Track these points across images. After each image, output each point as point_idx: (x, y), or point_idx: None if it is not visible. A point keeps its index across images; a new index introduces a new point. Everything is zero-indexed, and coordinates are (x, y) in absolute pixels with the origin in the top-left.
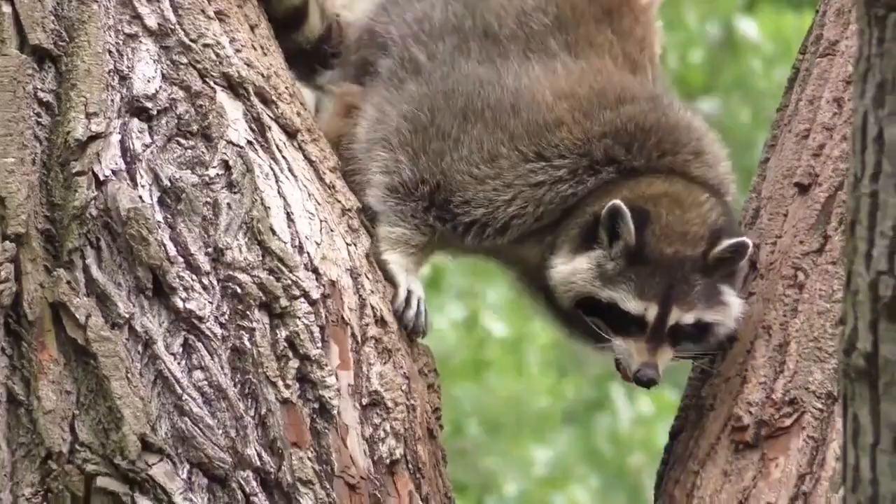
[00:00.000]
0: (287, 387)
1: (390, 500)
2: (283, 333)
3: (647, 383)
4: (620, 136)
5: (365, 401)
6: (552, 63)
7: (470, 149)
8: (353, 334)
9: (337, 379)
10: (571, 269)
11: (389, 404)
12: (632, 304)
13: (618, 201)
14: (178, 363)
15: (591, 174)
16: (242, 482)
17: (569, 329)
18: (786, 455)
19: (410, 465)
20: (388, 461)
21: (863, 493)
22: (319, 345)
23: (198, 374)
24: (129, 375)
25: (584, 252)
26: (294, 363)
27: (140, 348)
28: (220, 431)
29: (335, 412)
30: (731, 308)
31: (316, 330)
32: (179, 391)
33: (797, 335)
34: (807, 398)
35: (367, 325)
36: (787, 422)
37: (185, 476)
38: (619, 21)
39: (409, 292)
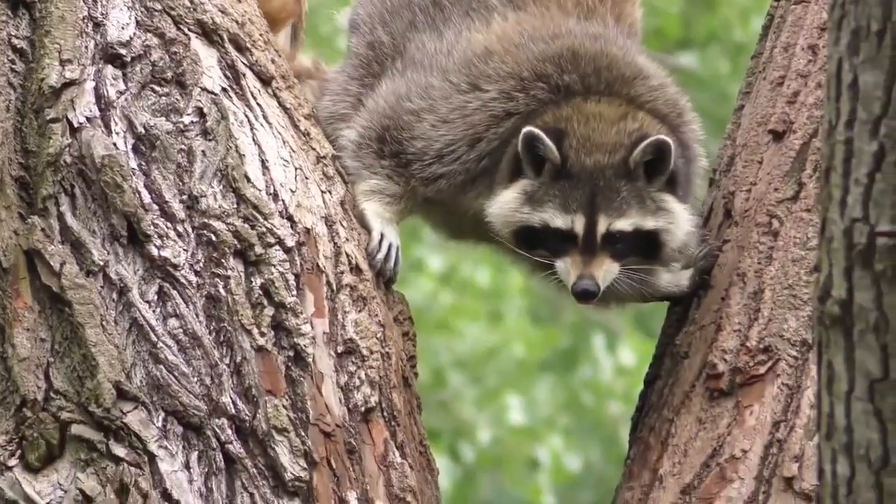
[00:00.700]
0: (262, 335)
1: (365, 447)
2: (257, 281)
3: (584, 294)
4: (551, 59)
5: (340, 349)
6: (490, 17)
7: (408, 88)
8: (328, 282)
9: (312, 327)
10: (502, 202)
11: (364, 352)
12: (559, 220)
13: (529, 127)
14: (153, 311)
15: (519, 90)
16: (217, 430)
17: (531, 268)
18: (760, 402)
19: (385, 413)
20: (363, 409)
21: (837, 440)
22: (294, 293)
23: (173, 322)
24: (103, 323)
25: (511, 183)
26: (269, 311)
27: (115, 296)
28: (195, 379)
29: (310, 360)
30: (676, 215)
31: (291, 278)
32: (154, 339)
33: (772, 283)
34: (781, 346)
35: (342, 272)
36: (762, 369)
37: (159, 424)
38: None
39: (382, 236)
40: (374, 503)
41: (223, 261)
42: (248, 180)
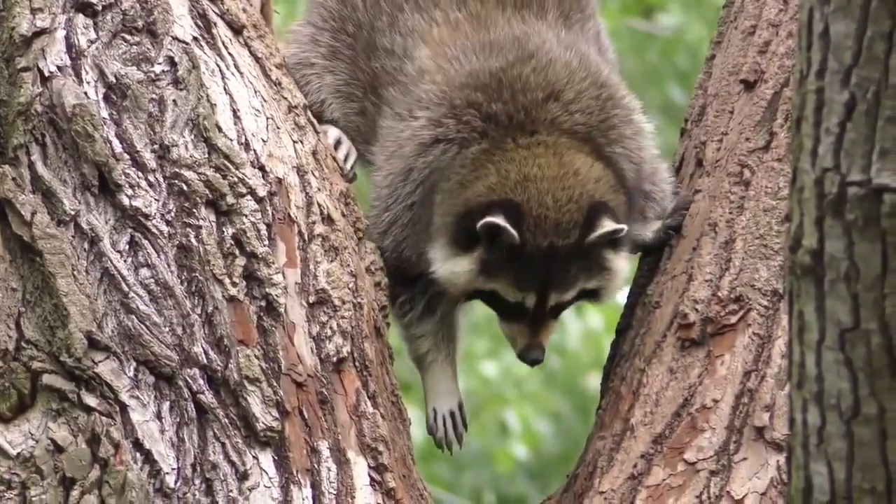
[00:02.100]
0: (234, 284)
1: (337, 397)
2: (229, 231)
3: (532, 363)
4: (478, 85)
5: (312, 299)
6: (436, 13)
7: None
8: (299, 232)
9: (284, 277)
10: (457, 271)
11: (336, 302)
12: (511, 295)
13: (490, 219)
14: (125, 261)
15: (450, 117)
16: (189, 380)
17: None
18: (731, 352)
19: (357, 363)
20: (335, 359)
21: (808, 389)
22: (266, 242)
23: (144, 272)
24: (75, 273)
25: (466, 253)
26: (241, 261)
27: (86, 245)
28: (167, 329)
29: (282, 310)
30: (615, 272)
31: (262, 228)
32: (126, 289)
33: (743, 232)
34: (752, 295)
35: (313, 222)
36: (733, 319)
37: (131, 374)
38: None
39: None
40: (345, 453)
41: (195, 210)
42: (220, 130)
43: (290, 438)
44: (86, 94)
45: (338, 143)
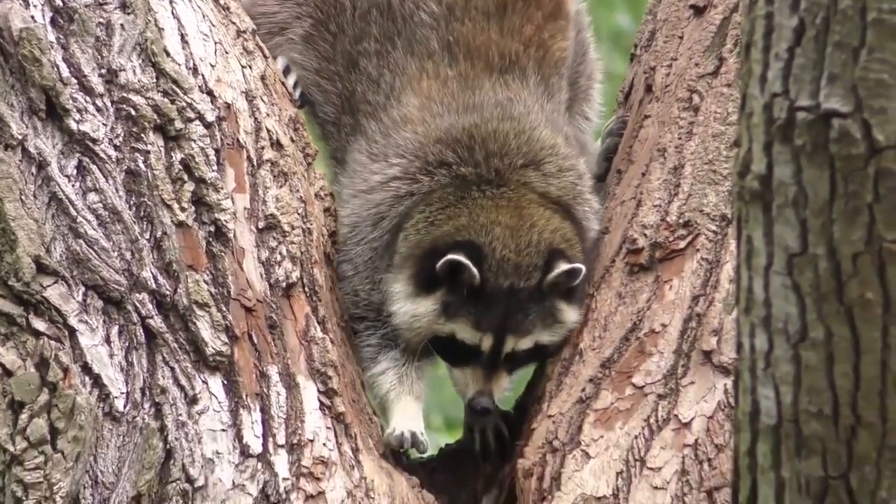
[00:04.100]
0: (182, 210)
1: (287, 322)
2: (178, 156)
3: (481, 412)
4: (453, 143)
5: (261, 224)
6: (427, 64)
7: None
8: (248, 157)
9: (233, 202)
10: (418, 313)
11: (286, 227)
12: (468, 335)
13: (452, 256)
14: (73, 185)
15: (424, 174)
16: (138, 304)
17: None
18: (680, 277)
19: (307, 289)
20: (284, 284)
21: (756, 314)
22: (215, 168)
23: (92, 197)
24: (22, 197)
25: (429, 293)
26: (189, 186)
27: (34, 170)
28: (116, 254)
29: (231, 235)
30: (566, 326)
31: (211, 153)
32: (74, 213)
33: (692, 158)
34: (701, 220)
35: (262, 148)
36: (682, 244)
37: (79, 298)
38: (508, 17)
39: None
40: (295, 378)
41: (143, 135)
42: (168, 54)
43: (240, 363)
44: (33, 17)
45: (286, 70)
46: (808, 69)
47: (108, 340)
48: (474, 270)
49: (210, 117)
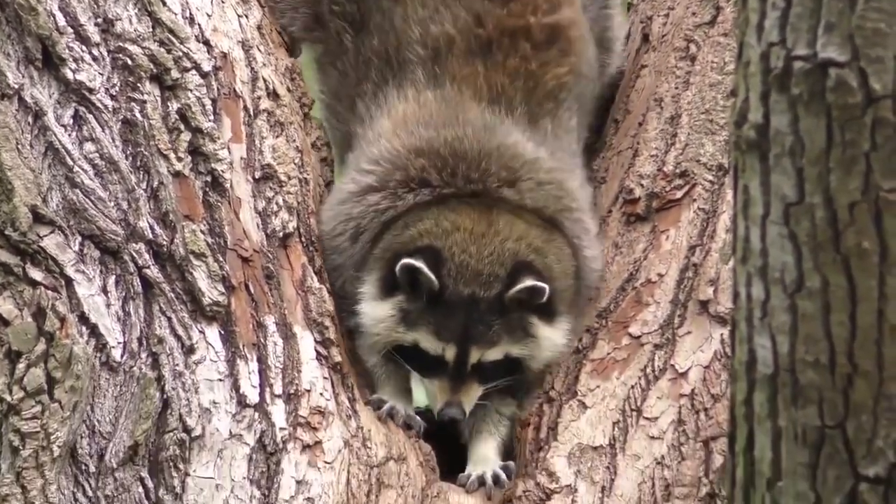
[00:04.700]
0: (179, 159)
1: (283, 272)
2: (174, 106)
3: (450, 422)
4: (434, 159)
5: (258, 174)
6: (408, 91)
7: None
8: (245, 107)
9: (229, 152)
10: (376, 318)
11: (282, 177)
12: (431, 345)
13: (408, 260)
14: (69, 135)
15: (407, 191)
16: (135, 254)
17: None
18: (676, 227)
19: (304, 238)
20: (281, 234)
21: (752, 263)
22: (211, 117)
23: (89, 146)
24: (19, 147)
25: (388, 298)
26: (186, 136)
27: (30, 119)
28: (112, 204)
29: (228, 185)
30: (540, 341)
31: (208, 102)
32: (70, 163)
33: (689, 107)
34: (698, 170)
35: (259, 97)
36: (679, 194)
37: (76, 248)
38: (495, 53)
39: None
40: (292, 328)
41: (139, 85)
42: (164, 3)
43: (237, 313)
44: None
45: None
46: (805, 18)
47: (104, 290)
48: (430, 275)
49: (206, 67)
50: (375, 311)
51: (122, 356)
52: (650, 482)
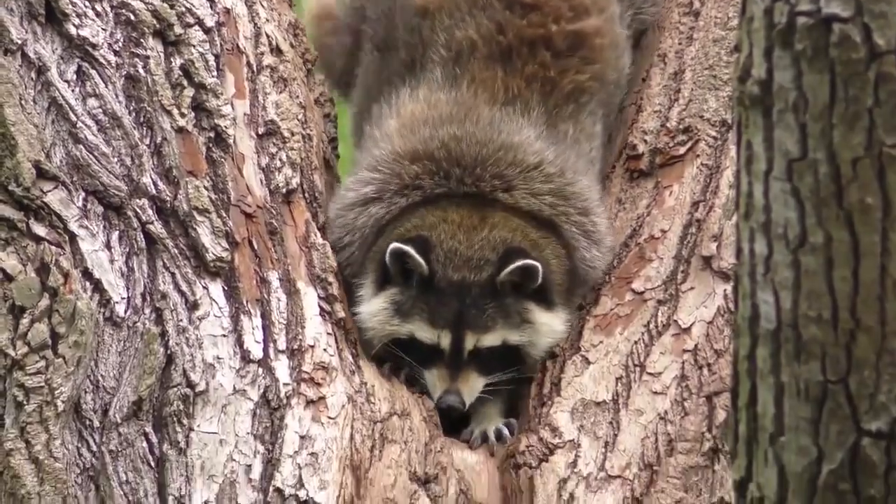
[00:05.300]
0: (182, 115)
1: (287, 228)
2: (177, 61)
3: (449, 411)
4: (428, 163)
5: (261, 130)
6: (422, 91)
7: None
8: (248, 63)
9: (232, 108)
10: (371, 312)
11: (286, 133)
12: (426, 334)
13: (396, 244)
14: (72, 90)
15: (400, 196)
16: (138, 210)
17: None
18: (680, 183)
19: (307, 195)
20: (284, 190)
21: (756, 219)
22: (214, 73)
23: (92, 102)
24: (22, 102)
25: (381, 292)
26: (189, 92)
27: (33, 75)
28: (116, 159)
29: (231, 141)
30: (538, 328)
31: (211, 58)
32: (74, 118)
33: (692, 63)
34: (701, 126)
35: (262, 53)
36: (682, 150)
37: (80, 204)
38: (514, 60)
39: None
40: (295, 284)
41: (142, 41)
42: None
43: (240, 269)
44: None
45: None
46: None
47: (108, 246)
48: (419, 259)
49: (209, 22)
50: (370, 307)
51: (125, 311)
52: (653, 437)
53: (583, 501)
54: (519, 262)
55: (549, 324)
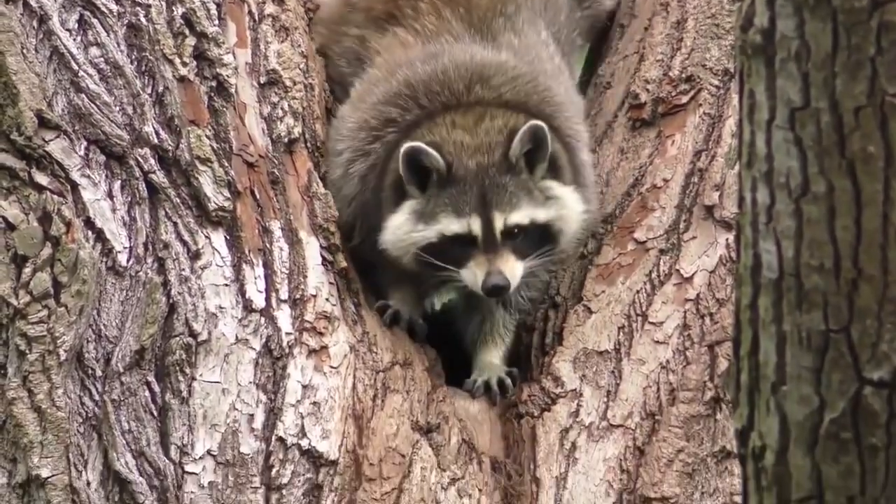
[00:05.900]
0: (184, 64)
1: (289, 178)
2: (179, 10)
3: (495, 291)
4: (392, 99)
5: (263, 79)
6: (403, 36)
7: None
8: (249, 12)
9: (234, 57)
10: (393, 228)
11: (287, 83)
12: (455, 225)
13: (409, 143)
14: (74, 39)
15: (373, 140)
16: (140, 159)
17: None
18: (682, 132)
19: (309, 144)
20: (286, 140)
21: (758, 168)
22: (216, 22)
23: (94, 51)
24: (24, 51)
25: (399, 206)
26: (191, 41)
27: (35, 24)
28: (118, 108)
29: (233, 90)
30: (564, 201)
31: (212, 7)
32: (75, 67)
33: (695, 12)
34: (704, 75)
35: (263, 2)
36: (684, 99)
37: (82, 153)
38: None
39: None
40: (297, 233)
41: None
42: None
43: (242, 218)
44: None
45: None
46: None
47: (110, 195)
48: (432, 152)
49: None
50: (392, 224)
51: (127, 261)
52: (655, 386)
53: (585, 451)
54: (525, 127)
55: (571, 198)
